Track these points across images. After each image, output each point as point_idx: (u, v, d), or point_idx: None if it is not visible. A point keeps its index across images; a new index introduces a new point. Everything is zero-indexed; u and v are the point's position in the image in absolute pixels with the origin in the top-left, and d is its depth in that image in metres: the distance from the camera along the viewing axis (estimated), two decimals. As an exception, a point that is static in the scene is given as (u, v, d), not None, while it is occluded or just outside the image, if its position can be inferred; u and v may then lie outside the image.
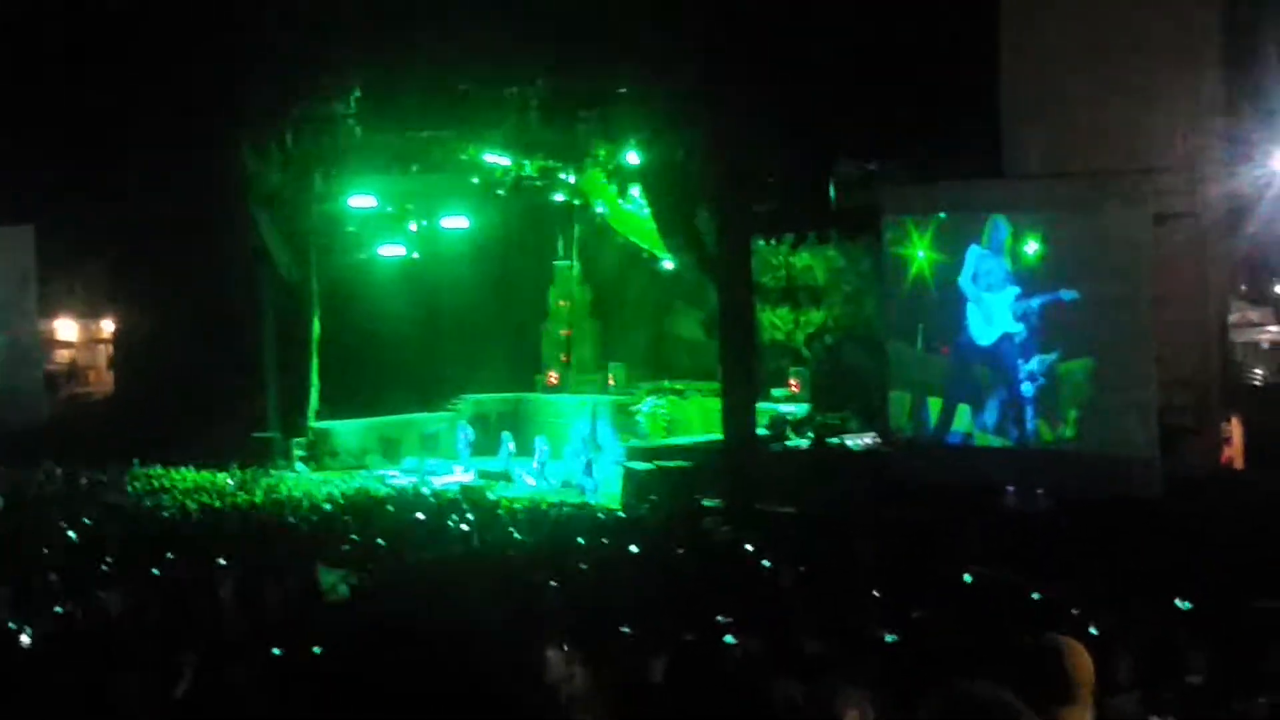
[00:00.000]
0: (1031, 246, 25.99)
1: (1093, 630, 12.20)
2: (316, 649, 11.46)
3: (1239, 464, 26.07)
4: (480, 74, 33.80)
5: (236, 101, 36.12)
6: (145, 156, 37.28)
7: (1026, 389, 26.11)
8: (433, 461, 37.87)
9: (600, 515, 28.75)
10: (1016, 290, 26.32)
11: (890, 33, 30.47)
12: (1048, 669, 5.84)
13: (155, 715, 8.51)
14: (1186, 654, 11.20)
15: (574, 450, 36.76)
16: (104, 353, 44.67)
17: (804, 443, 32.53)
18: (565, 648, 9.10)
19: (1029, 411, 26.15)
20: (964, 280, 27.09)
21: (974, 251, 26.90)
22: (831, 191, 32.97)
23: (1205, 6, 26.22)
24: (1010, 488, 26.24)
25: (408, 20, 34.31)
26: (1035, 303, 25.97)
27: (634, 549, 21.59)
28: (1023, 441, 26.31)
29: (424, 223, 40.25)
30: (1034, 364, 25.97)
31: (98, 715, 8.31)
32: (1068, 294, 25.44)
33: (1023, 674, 5.82)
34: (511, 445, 37.26)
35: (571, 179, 37.28)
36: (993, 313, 26.67)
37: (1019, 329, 26.30)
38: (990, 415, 26.87)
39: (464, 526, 25.88)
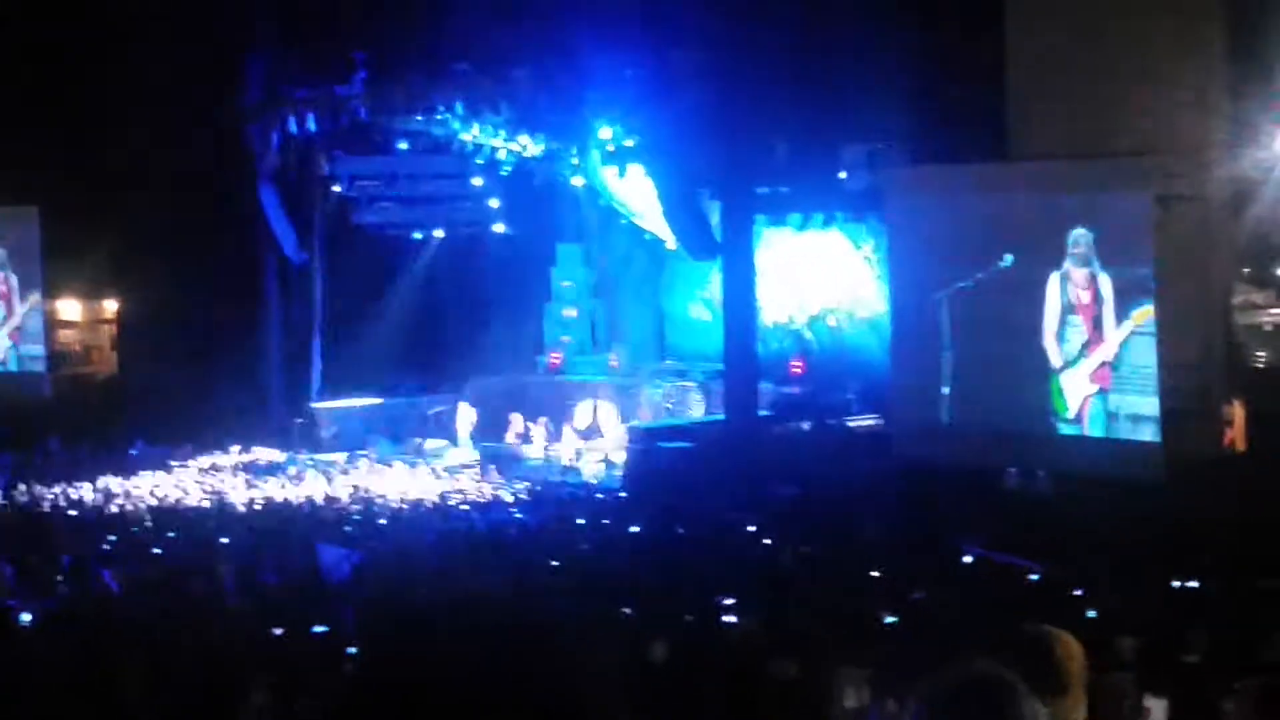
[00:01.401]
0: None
1: (1091, 613, 12.23)
2: (318, 628, 11.51)
3: (1240, 446, 26.05)
4: (484, 54, 33.77)
5: (241, 82, 36.13)
6: (149, 138, 37.29)
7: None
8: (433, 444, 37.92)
9: (601, 496, 28.80)
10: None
11: (896, 13, 30.46)
12: (1038, 659, 5.85)
13: (155, 693, 8.53)
14: (1184, 634, 11.23)
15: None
16: (107, 333, 44.63)
17: (806, 424, 32.50)
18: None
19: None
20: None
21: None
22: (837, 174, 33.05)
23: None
24: (1012, 469, 26.25)
25: (410, 1, 34.33)
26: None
27: (634, 530, 21.65)
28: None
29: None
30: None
31: (97, 694, 8.33)
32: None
33: (1013, 663, 5.84)
34: (518, 426, 37.27)
35: (575, 160, 37.23)
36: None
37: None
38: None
39: (465, 508, 25.95)
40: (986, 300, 26.59)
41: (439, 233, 41.51)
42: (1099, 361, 25.26)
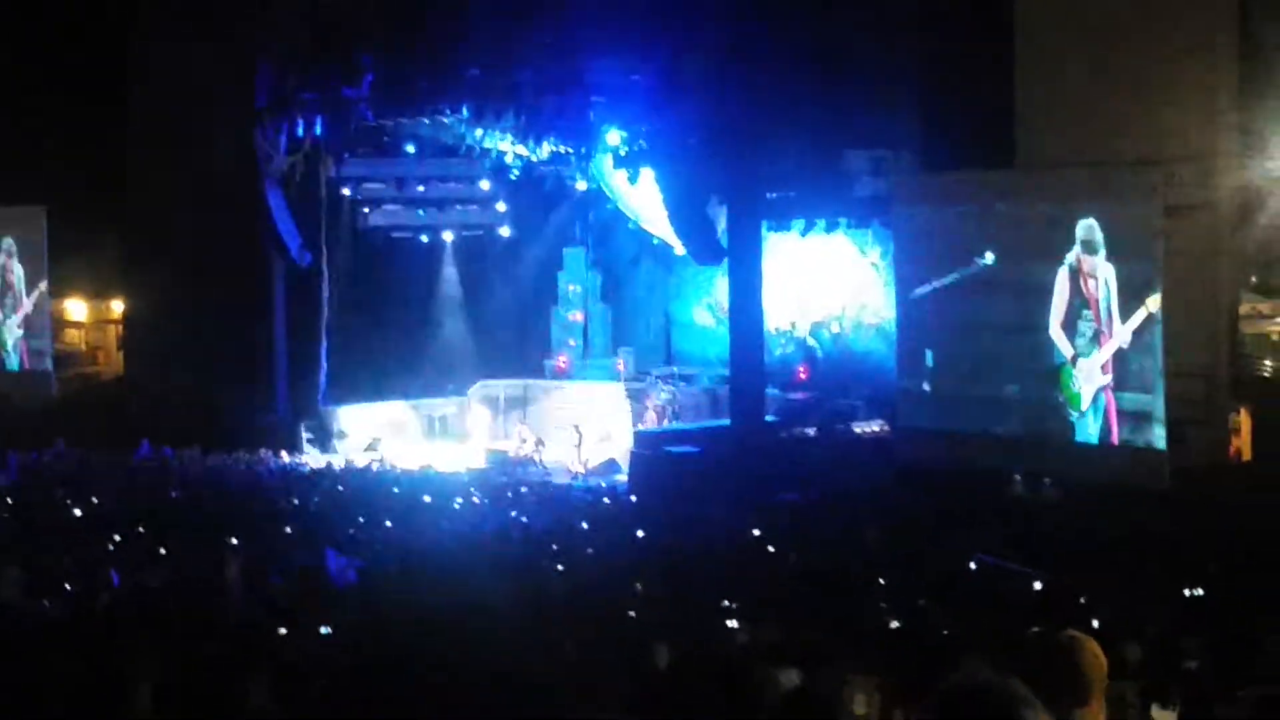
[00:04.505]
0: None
1: (1095, 622, 12.23)
2: (324, 629, 11.53)
3: (1247, 455, 26.07)
4: (492, 59, 33.76)
5: (249, 85, 36.11)
6: (158, 138, 37.34)
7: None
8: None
9: (607, 500, 28.79)
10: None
11: (904, 21, 30.47)
12: (1061, 667, 5.77)
13: (160, 694, 8.55)
14: (1185, 641, 11.23)
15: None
16: (113, 333, 44.69)
17: (811, 430, 32.51)
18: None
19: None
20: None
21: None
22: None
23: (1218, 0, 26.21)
24: (1017, 476, 26.25)
25: (419, 4, 34.34)
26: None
27: (640, 534, 21.64)
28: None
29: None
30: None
31: (103, 695, 8.35)
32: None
33: (1035, 671, 5.77)
34: (524, 430, 37.27)
35: (583, 164, 37.29)
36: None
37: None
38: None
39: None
40: (981, 301, 26.62)
41: (447, 236, 41.60)
42: (1110, 352, 25.18)
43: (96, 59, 38.91)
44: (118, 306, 43.45)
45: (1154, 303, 24.33)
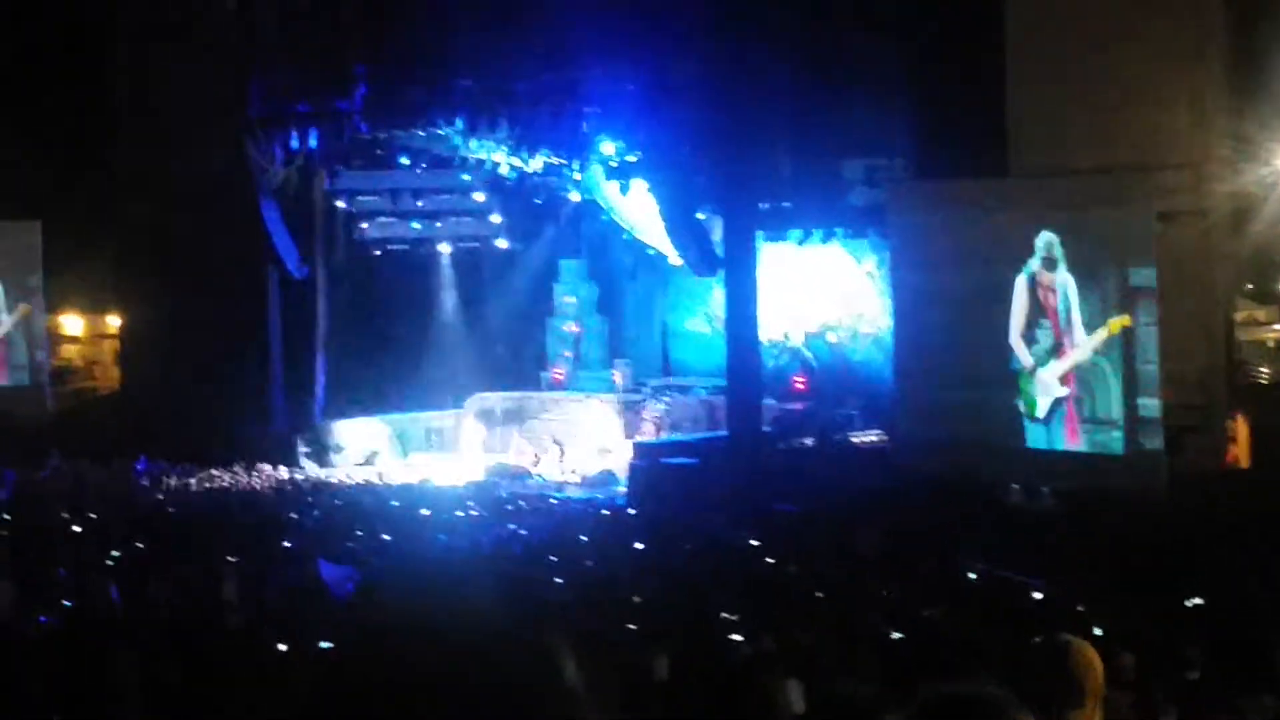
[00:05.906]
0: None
1: (1096, 631, 12.20)
2: (324, 644, 11.49)
3: (1244, 462, 26.01)
4: (485, 69, 33.78)
5: (243, 97, 36.12)
6: (152, 152, 37.28)
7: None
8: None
9: (606, 511, 28.76)
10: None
11: (897, 31, 30.46)
12: (1054, 670, 5.79)
13: (158, 707, 8.52)
14: (1185, 650, 11.21)
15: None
16: (110, 348, 44.62)
17: (809, 440, 32.47)
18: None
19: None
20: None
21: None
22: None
23: (1209, 5, 26.18)
24: (1015, 485, 26.20)
25: (412, 16, 34.35)
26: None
27: (639, 545, 21.60)
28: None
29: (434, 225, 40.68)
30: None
31: (100, 708, 8.33)
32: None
33: (1030, 674, 5.79)
34: (521, 443, 37.24)
35: (576, 175, 37.29)
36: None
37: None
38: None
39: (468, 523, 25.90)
40: (969, 310, 26.59)
41: (442, 248, 41.59)
42: (1069, 365, 25.18)
43: (93, 74, 38.87)
44: (114, 321, 43.37)
45: (1116, 324, 24.35)
